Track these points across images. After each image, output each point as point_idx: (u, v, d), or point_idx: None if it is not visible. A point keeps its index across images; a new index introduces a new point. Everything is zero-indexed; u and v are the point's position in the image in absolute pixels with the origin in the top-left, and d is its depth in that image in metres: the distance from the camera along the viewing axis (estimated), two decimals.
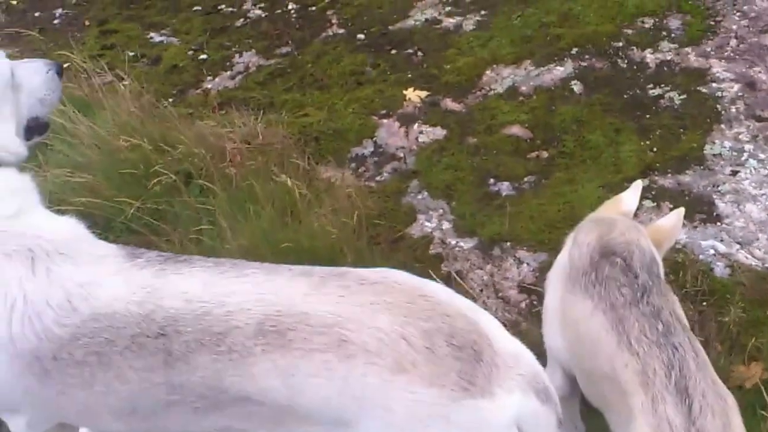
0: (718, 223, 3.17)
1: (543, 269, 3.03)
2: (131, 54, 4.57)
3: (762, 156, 3.46)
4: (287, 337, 1.54)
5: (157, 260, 1.71)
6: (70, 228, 1.79)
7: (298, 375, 1.54)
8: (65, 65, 3.78)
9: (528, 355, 1.68)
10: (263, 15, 5.03)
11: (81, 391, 1.65)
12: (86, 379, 1.63)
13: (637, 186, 2.39)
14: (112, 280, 1.66)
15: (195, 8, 5.19)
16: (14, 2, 5.40)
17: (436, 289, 1.72)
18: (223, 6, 5.19)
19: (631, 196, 2.36)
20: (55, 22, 5.15)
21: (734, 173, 3.39)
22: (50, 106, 2.13)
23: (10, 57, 2.07)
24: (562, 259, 2.24)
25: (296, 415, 1.59)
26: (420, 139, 3.75)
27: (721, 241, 3.10)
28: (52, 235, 1.73)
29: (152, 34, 4.91)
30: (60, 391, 1.66)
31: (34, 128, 2.03)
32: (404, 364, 1.51)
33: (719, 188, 3.33)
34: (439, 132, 3.79)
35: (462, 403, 1.51)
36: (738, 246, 3.07)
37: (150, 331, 1.59)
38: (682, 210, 2.30)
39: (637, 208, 2.42)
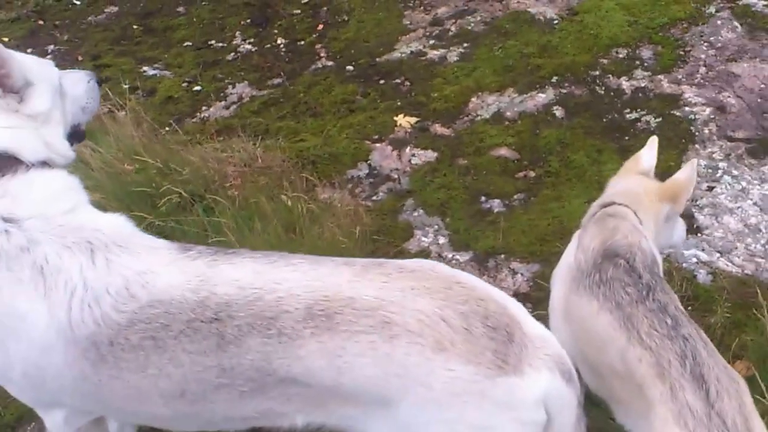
0: (699, 234, 3.36)
1: (536, 278, 3.19)
2: (126, 86, 4.69)
3: (735, 172, 3.67)
4: (334, 320, 1.62)
5: (208, 252, 1.81)
6: (121, 223, 1.87)
7: (344, 355, 1.61)
8: None
9: (553, 339, 1.80)
10: (253, 49, 5.21)
11: (134, 375, 1.71)
12: (140, 362, 1.69)
13: (653, 142, 2.54)
14: (168, 269, 1.74)
15: (186, 44, 5.36)
16: (6, 39, 5.50)
17: (468, 277, 1.83)
18: (213, 41, 5.36)
19: (648, 154, 2.51)
20: (48, 57, 5.27)
21: (710, 188, 3.60)
22: (90, 114, 2.24)
23: None
24: (567, 258, 2.35)
25: (339, 396, 1.66)
26: (413, 161, 3.92)
27: (703, 250, 3.27)
28: (108, 228, 1.82)
29: (145, 68, 5.05)
30: (113, 375, 1.72)
31: (74, 135, 2.13)
32: (444, 343, 1.60)
33: (697, 203, 3.52)
34: (431, 154, 3.95)
35: (496, 380, 1.60)
36: (718, 254, 3.25)
37: (204, 316, 1.66)
38: (695, 161, 2.47)
39: None
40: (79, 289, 1.71)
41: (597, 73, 4.41)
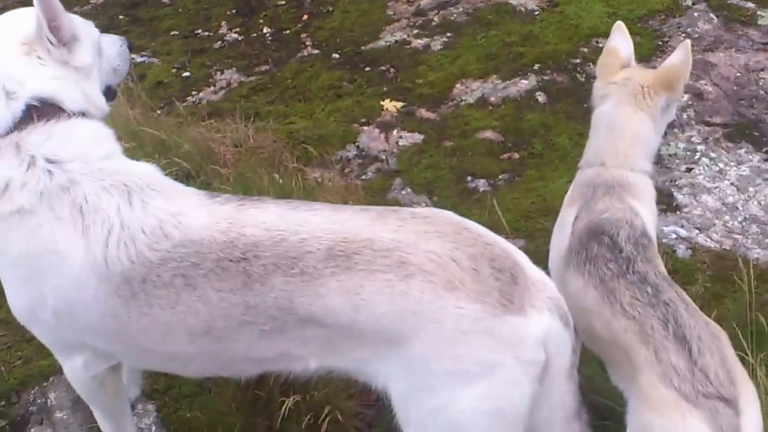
0: (678, 212, 3.48)
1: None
2: None
3: (713, 155, 3.80)
4: (353, 260, 1.71)
5: (235, 199, 1.90)
6: (153, 170, 1.97)
7: (362, 293, 1.70)
8: None
9: (552, 284, 1.90)
10: (239, 38, 5.26)
11: (163, 312, 1.78)
12: (171, 299, 1.77)
13: (619, 27, 2.48)
14: (198, 212, 1.83)
15: (173, 33, 5.40)
16: None
17: (475, 225, 1.91)
18: (199, 30, 5.40)
19: (621, 40, 2.45)
20: None
21: (689, 170, 3.73)
22: (121, 77, 2.34)
23: None
24: (559, 233, 2.42)
25: (354, 336, 1.74)
26: (400, 143, 4.01)
27: (682, 227, 3.40)
28: (142, 174, 1.91)
29: (133, 56, 5.06)
30: (143, 312, 1.79)
31: (106, 94, 2.18)
32: (455, 282, 1.68)
33: (677, 182, 3.65)
34: (417, 137, 4.05)
35: (502, 318, 1.69)
36: (697, 231, 3.38)
37: (233, 256, 1.74)
38: (687, 42, 2.38)
39: None
40: (116, 228, 1.79)
41: (578, 61, 4.53)
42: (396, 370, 1.75)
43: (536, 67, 4.51)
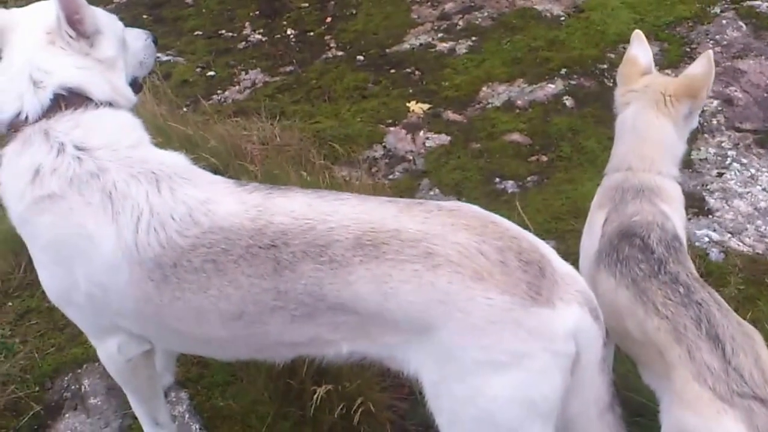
0: (710, 216, 3.44)
1: None
2: None
3: (744, 161, 3.76)
4: (381, 249, 1.71)
5: (263, 187, 1.90)
6: (182, 159, 1.98)
7: (390, 282, 1.70)
8: None
9: (581, 278, 1.88)
10: (263, 39, 5.27)
11: (195, 296, 1.79)
12: (202, 284, 1.78)
13: (637, 36, 2.47)
14: (227, 199, 1.84)
15: (197, 33, 5.41)
16: None
17: (502, 219, 1.90)
18: (223, 31, 5.42)
19: (640, 49, 2.45)
20: None
21: (720, 175, 3.69)
22: (147, 69, 2.34)
23: None
24: (589, 235, 2.40)
25: (384, 323, 1.74)
26: (427, 144, 3.99)
27: (714, 230, 3.36)
28: (170, 162, 1.93)
29: (158, 54, 5.07)
30: (176, 296, 1.80)
31: (132, 86, 2.19)
32: (482, 273, 1.68)
33: (708, 187, 3.61)
34: (444, 138, 4.03)
35: (530, 310, 1.68)
36: (729, 235, 3.34)
37: (262, 243, 1.75)
38: (710, 52, 2.34)
39: None
40: (146, 214, 1.80)
41: (605, 66, 4.50)
42: (426, 358, 1.75)
43: (563, 71, 4.49)
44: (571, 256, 3.08)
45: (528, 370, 1.69)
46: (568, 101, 4.24)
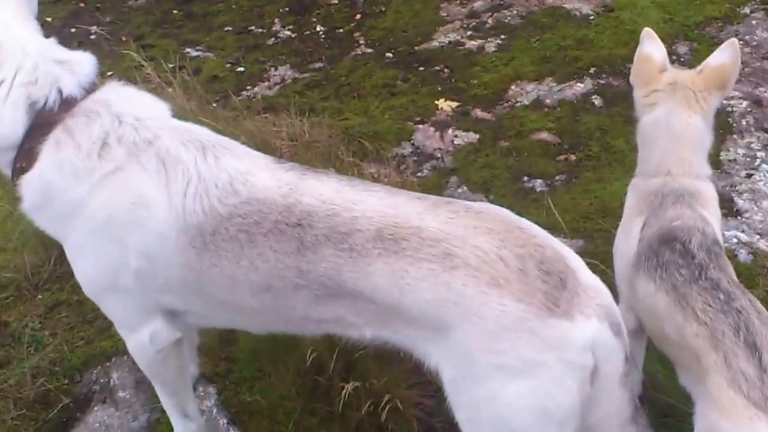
0: (739, 217, 3.42)
1: (581, 254, 3.22)
2: (171, 66, 4.78)
3: None
4: (401, 245, 1.74)
5: (300, 168, 1.95)
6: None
7: (407, 278, 1.73)
8: (108, 74, 4.01)
9: (606, 292, 1.85)
10: (293, 35, 5.30)
11: (230, 264, 1.84)
12: (236, 253, 1.83)
13: (648, 33, 2.42)
14: (264, 173, 1.90)
15: (226, 28, 5.46)
16: (49, 19, 5.61)
17: (531, 225, 1.90)
18: (253, 27, 5.46)
19: (653, 46, 2.40)
20: (92, 37, 5.38)
21: (749, 176, 3.66)
22: None
23: None
24: (626, 240, 2.38)
25: (401, 316, 1.77)
26: (455, 142, 3.99)
27: (743, 231, 3.34)
28: (210, 134, 2.01)
29: (188, 49, 5.15)
30: (213, 263, 1.86)
31: None
32: (499, 279, 1.69)
33: (737, 188, 3.58)
34: (473, 136, 4.03)
35: (546, 320, 1.68)
36: (758, 236, 3.31)
37: (289, 220, 1.80)
38: (734, 40, 2.33)
39: None
40: (194, 180, 1.87)
41: None
42: (444, 355, 1.77)
43: (592, 70, 4.47)
44: (599, 255, 3.10)
45: (543, 379, 1.69)
46: (597, 100, 4.23)
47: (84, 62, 2.00)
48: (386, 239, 1.75)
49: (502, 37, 4.94)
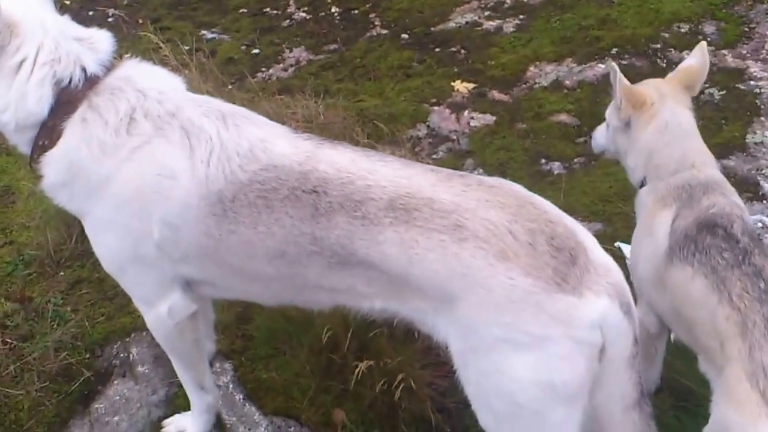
0: (764, 201, 3.34)
1: (599, 237, 3.17)
2: (187, 48, 4.76)
3: None
4: (412, 215, 1.73)
5: (317, 138, 1.95)
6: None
7: (416, 248, 1.71)
8: (126, 55, 3.98)
9: (617, 270, 1.80)
10: (308, 17, 5.27)
11: (247, 230, 1.85)
12: (253, 219, 1.84)
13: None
14: (282, 141, 1.91)
15: (241, 10, 5.43)
16: (68, 2, 5.60)
17: (543, 201, 1.86)
18: (268, 9, 5.42)
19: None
20: (110, 20, 5.37)
21: None
22: None
23: None
24: (649, 236, 2.31)
25: (410, 287, 1.76)
26: (471, 124, 3.94)
27: None
28: (227, 105, 2.02)
29: (204, 32, 5.12)
30: (231, 230, 1.86)
31: None
32: (508, 253, 1.66)
33: (763, 171, 3.50)
34: (489, 118, 3.98)
35: (553, 295, 1.65)
36: None
37: (305, 187, 1.81)
38: (703, 43, 2.40)
39: None
40: (217, 148, 1.88)
41: (658, 46, 4.40)
42: (452, 328, 1.75)
43: (614, 51, 4.40)
44: (618, 239, 3.05)
45: (549, 354, 1.66)
46: None
47: (102, 39, 2.01)
48: (398, 209, 1.74)
49: (521, 17, 4.88)
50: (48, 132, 1.92)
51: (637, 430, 1.85)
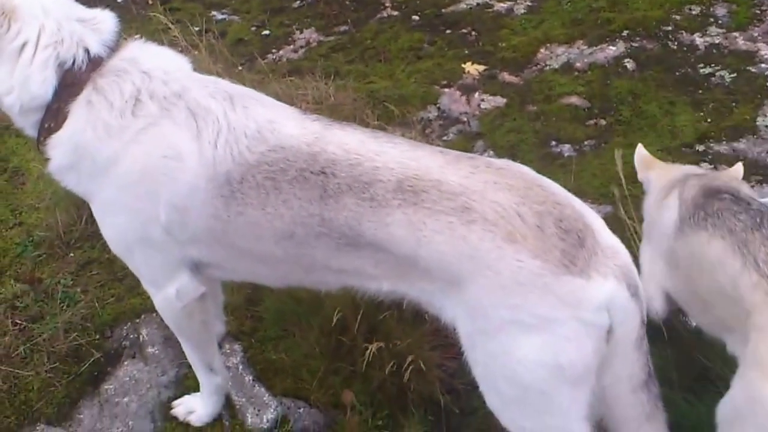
0: None
1: (608, 219, 3.17)
2: (197, 29, 4.75)
3: None
4: (420, 197, 1.74)
5: (325, 119, 1.95)
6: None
7: (424, 229, 1.72)
8: (136, 36, 3.98)
9: (625, 253, 1.81)
10: None
11: (255, 211, 1.85)
12: (261, 200, 1.84)
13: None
14: (290, 122, 1.91)
15: None
16: None
17: (551, 183, 1.86)
18: None
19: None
20: (119, 1, 5.36)
21: None
22: None
23: None
24: (659, 219, 2.34)
25: (417, 268, 1.76)
26: (482, 106, 3.93)
27: None
28: (236, 85, 2.03)
29: (214, 12, 5.12)
30: (239, 212, 1.86)
31: None
32: (516, 235, 1.67)
33: None
34: (500, 100, 3.96)
35: (561, 277, 1.66)
36: None
37: (313, 168, 1.81)
38: (739, 165, 2.40)
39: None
40: (224, 130, 1.88)
41: (669, 28, 4.36)
42: (460, 310, 1.76)
43: (625, 33, 4.36)
44: (628, 221, 3.04)
45: (556, 335, 1.67)
46: (629, 64, 4.13)
47: (106, 20, 1.99)
48: (406, 190, 1.74)
49: None
50: (53, 114, 1.92)
51: (645, 411, 1.86)
